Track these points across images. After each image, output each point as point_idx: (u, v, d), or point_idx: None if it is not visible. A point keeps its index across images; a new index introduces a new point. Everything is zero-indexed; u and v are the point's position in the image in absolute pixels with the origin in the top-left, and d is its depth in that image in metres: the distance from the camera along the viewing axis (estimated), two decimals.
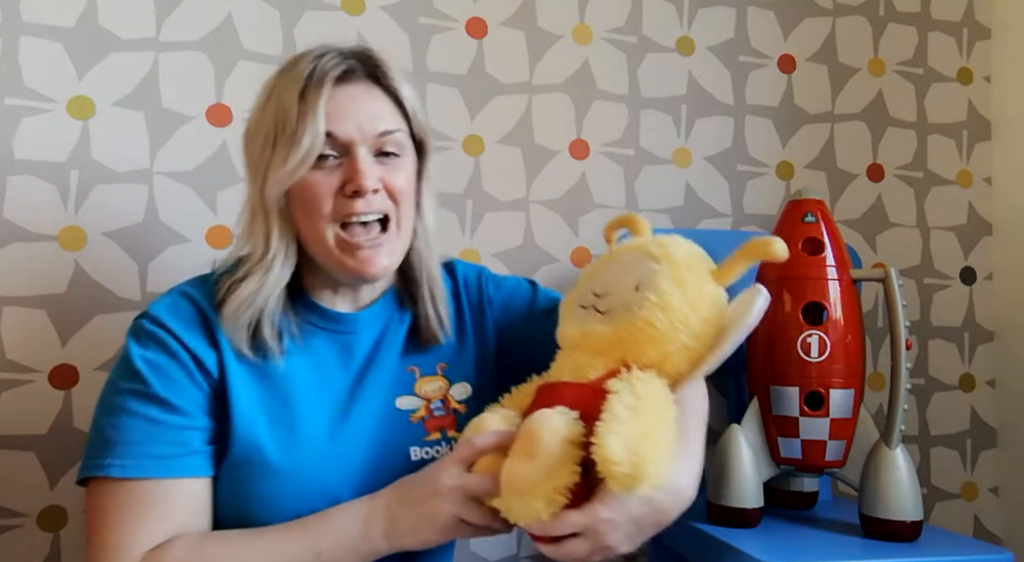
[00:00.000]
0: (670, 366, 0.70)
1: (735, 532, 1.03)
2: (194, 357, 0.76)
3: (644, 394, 0.65)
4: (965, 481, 1.51)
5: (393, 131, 0.80)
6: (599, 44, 1.39)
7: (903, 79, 1.54)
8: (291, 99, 0.76)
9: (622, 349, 0.71)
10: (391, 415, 0.84)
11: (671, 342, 0.69)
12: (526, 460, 0.64)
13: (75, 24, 1.15)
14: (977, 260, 1.55)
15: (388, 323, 0.88)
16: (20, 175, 1.12)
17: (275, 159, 0.76)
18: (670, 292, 0.70)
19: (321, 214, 0.77)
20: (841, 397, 1.05)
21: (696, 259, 0.74)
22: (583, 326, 0.74)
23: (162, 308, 0.79)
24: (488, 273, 0.97)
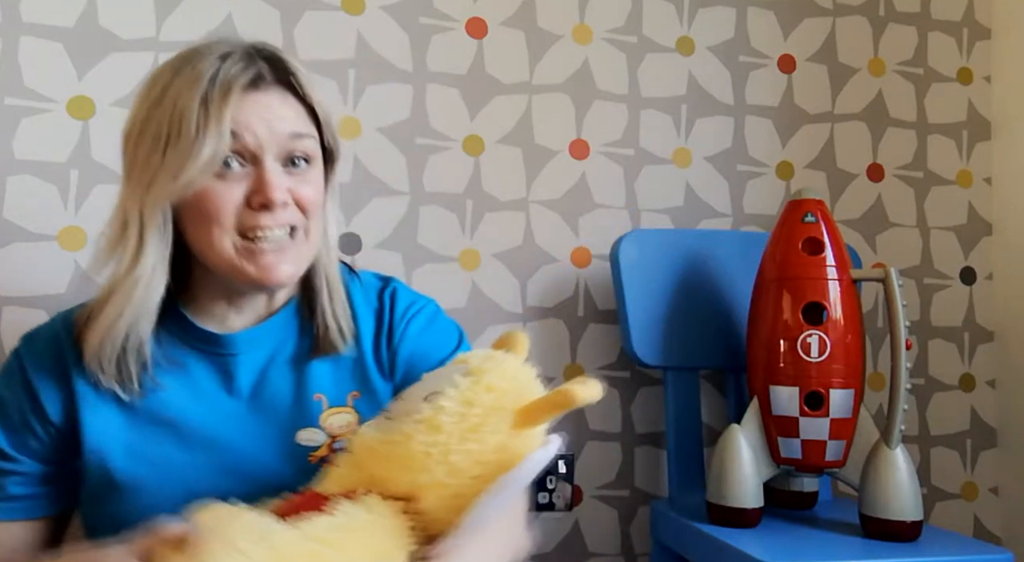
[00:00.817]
0: (426, 505, 0.59)
1: (735, 532, 1.03)
2: (35, 399, 0.73)
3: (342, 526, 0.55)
4: (965, 481, 1.51)
5: (303, 135, 0.73)
6: (599, 44, 1.39)
7: (903, 79, 1.54)
8: (189, 103, 0.68)
9: (376, 466, 0.60)
10: (288, 450, 0.75)
11: (421, 472, 0.58)
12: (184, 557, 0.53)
13: (75, 24, 1.15)
14: (977, 260, 1.55)
15: (282, 343, 0.79)
16: (20, 175, 1.12)
17: (166, 166, 0.68)
18: (447, 411, 0.59)
19: (221, 226, 0.69)
20: (841, 397, 1.05)
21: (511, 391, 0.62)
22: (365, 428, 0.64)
23: (26, 339, 0.77)
24: (424, 306, 0.85)
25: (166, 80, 0.71)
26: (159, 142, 0.68)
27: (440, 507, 0.58)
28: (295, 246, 0.73)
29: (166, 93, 0.70)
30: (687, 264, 1.28)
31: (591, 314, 1.36)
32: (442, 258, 1.30)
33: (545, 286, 1.35)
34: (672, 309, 1.26)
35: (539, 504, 1.28)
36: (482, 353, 0.67)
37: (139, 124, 0.71)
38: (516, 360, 0.66)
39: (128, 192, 0.71)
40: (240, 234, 0.70)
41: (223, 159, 0.69)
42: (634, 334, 1.23)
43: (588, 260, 1.37)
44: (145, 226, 0.69)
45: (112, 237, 0.72)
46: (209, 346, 0.76)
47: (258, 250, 0.70)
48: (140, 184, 0.69)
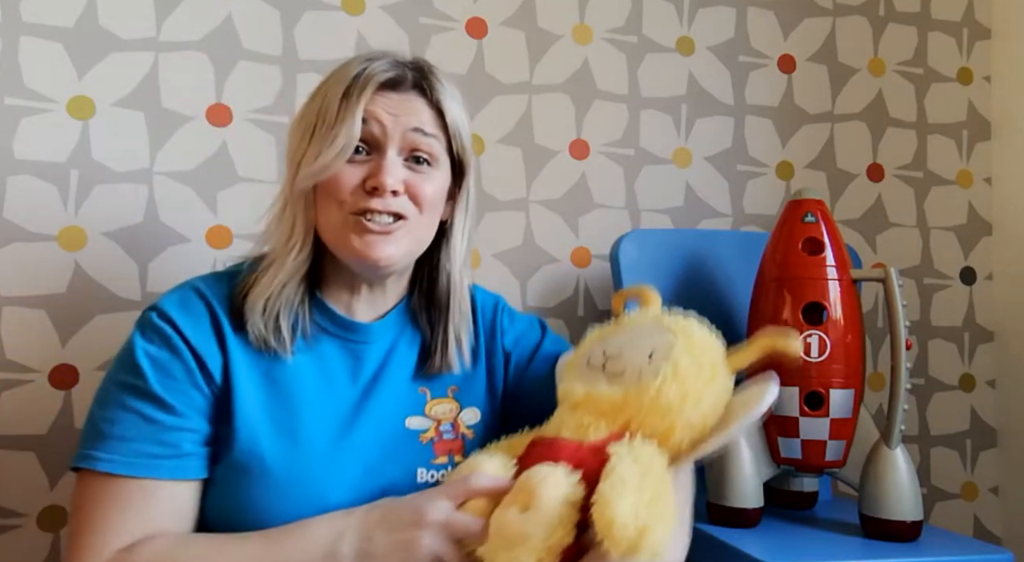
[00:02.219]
0: (672, 441, 0.69)
1: (735, 532, 1.03)
2: (198, 358, 0.75)
3: (649, 463, 0.64)
4: (965, 481, 1.51)
5: (428, 133, 0.80)
6: (599, 44, 1.39)
7: (903, 79, 1.54)
8: (334, 96, 0.77)
9: (628, 415, 0.70)
10: (400, 433, 0.82)
11: (679, 416, 0.68)
12: (522, 513, 0.63)
13: (75, 24, 1.15)
14: (977, 260, 1.55)
15: (399, 337, 0.86)
16: (20, 175, 1.12)
17: (309, 152, 0.77)
18: (686, 366, 0.70)
19: (339, 203, 0.77)
20: (841, 397, 1.05)
21: (711, 341, 0.75)
22: (590, 386, 0.73)
23: (172, 303, 0.77)
24: (504, 304, 0.96)
25: (324, 80, 0.82)
26: (307, 132, 0.78)
27: (684, 442, 0.69)
28: (400, 230, 0.79)
29: (320, 90, 0.80)
30: (687, 264, 1.28)
31: (591, 314, 1.36)
32: None
33: (545, 286, 1.35)
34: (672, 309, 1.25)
35: None
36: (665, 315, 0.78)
37: (297, 118, 0.82)
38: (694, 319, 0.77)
39: (287, 177, 0.81)
40: (351, 212, 0.77)
41: (354, 146, 0.77)
42: None
43: (588, 260, 1.37)
44: (295, 205, 0.79)
45: (274, 215, 0.82)
46: (346, 332, 0.83)
47: (366, 228, 0.77)
48: (291, 168, 0.80)
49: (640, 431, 0.69)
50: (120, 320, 1.14)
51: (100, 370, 1.12)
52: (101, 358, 1.12)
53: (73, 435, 1.10)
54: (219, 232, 1.19)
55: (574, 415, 0.72)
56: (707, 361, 0.71)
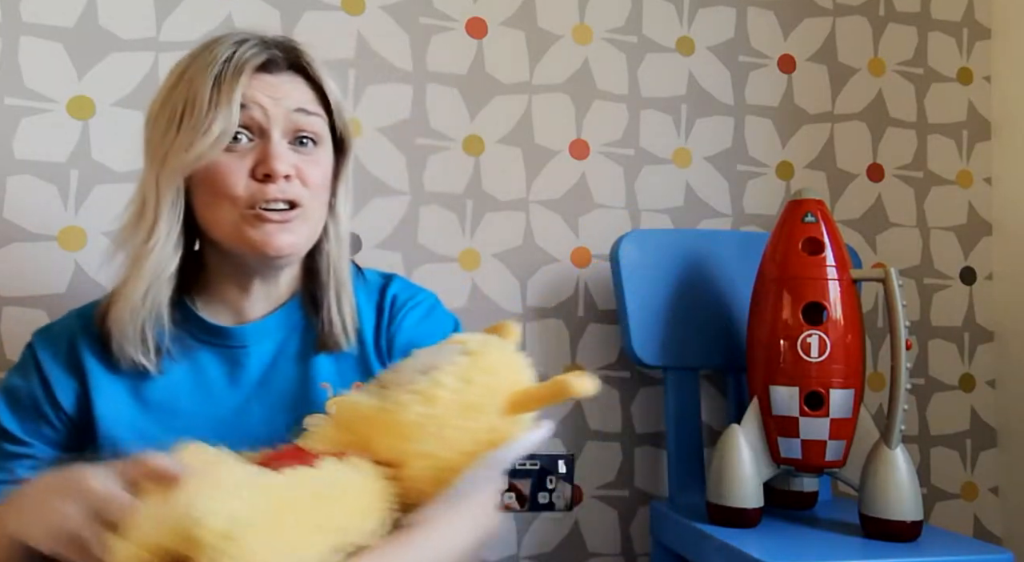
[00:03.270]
0: (410, 473, 0.59)
1: (735, 532, 1.03)
2: (48, 391, 0.76)
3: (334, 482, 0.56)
4: (965, 481, 1.51)
5: (311, 113, 0.76)
6: (599, 44, 1.39)
7: (903, 79, 1.54)
8: (203, 82, 0.71)
9: (366, 431, 0.61)
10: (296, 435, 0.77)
11: (414, 441, 0.59)
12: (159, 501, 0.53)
13: (75, 24, 1.15)
14: (977, 260, 1.55)
15: (289, 335, 0.81)
16: (20, 175, 1.12)
17: (178, 142, 0.71)
18: (445, 386, 0.60)
19: (230, 198, 0.72)
20: (841, 397, 1.05)
21: (507, 375, 0.63)
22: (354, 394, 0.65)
23: (39, 333, 0.79)
24: (423, 300, 0.87)
25: (184, 65, 0.75)
26: (174, 120, 0.72)
27: (423, 478, 0.60)
28: (297, 218, 0.75)
29: (183, 76, 0.74)
30: (687, 264, 1.28)
31: (591, 314, 1.36)
32: (442, 258, 1.30)
33: (545, 286, 1.35)
34: (672, 309, 1.26)
35: (539, 504, 1.28)
36: (479, 336, 0.68)
37: (157, 107, 0.75)
38: (511, 346, 0.67)
39: (146, 171, 0.75)
40: (246, 206, 0.73)
41: (232, 133, 0.72)
42: (634, 334, 1.23)
43: (588, 260, 1.37)
44: (160, 200, 0.73)
45: (132, 214, 0.75)
46: (220, 339, 0.79)
47: (265, 219, 0.73)
48: (155, 161, 0.73)
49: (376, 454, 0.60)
50: None
51: None
52: None
53: None
54: None
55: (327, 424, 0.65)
56: (479, 390, 0.61)
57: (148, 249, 0.73)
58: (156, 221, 0.73)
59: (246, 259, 0.76)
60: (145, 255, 0.73)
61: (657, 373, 1.35)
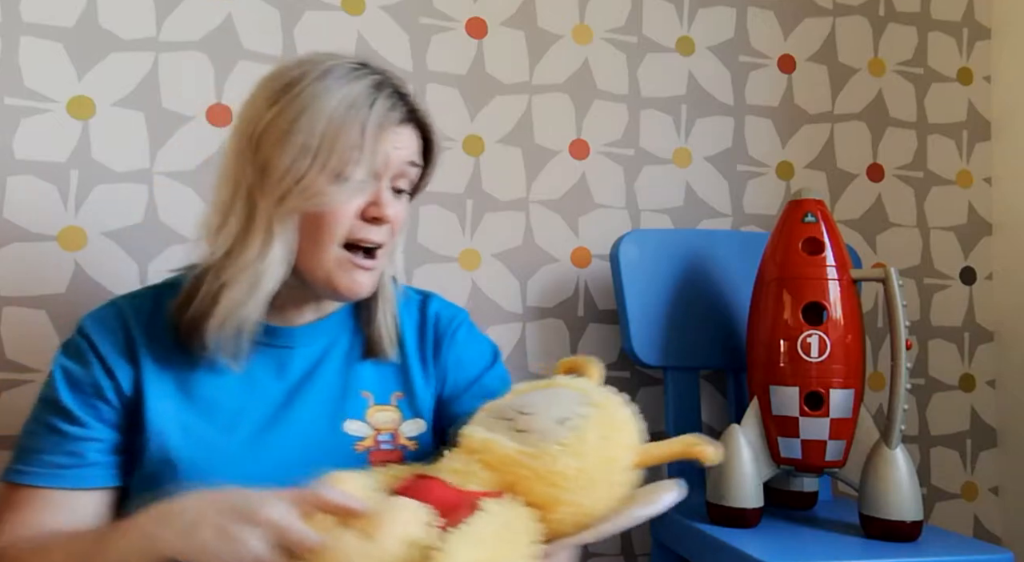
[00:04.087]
0: (554, 516, 0.65)
1: (735, 532, 1.03)
2: (107, 370, 0.77)
3: (511, 527, 0.61)
4: (965, 481, 1.51)
5: (417, 165, 0.81)
6: (599, 44, 1.39)
7: (903, 79, 1.54)
8: (347, 127, 0.73)
9: (517, 475, 0.65)
10: (333, 438, 0.80)
11: (567, 491, 0.64)
12: (360, 539, 0.58)
13: (75, 24, 1.15)
14: (977, 260, 1.55)
15: (335, 340, 0.85)
16: (20, 175, 1.12)
17: (312, 176, 0.73)
18: (592, 443, 0.66)
19: (333, 235, 0.75)
20: (841, 397, 1.05)
21: (629, 427, 0.70)
22: (490, 433, 0.69)
23: (91, 319, 0.80)
24: (464, 320, 0.91)
25: (314, 90, 0.74)
26: (309, 150, 0.72)
27: (566, 522, 0.65)
28: (377, 266, 0.79)
29: (315, 105, 0.73)
30: (687, 264, 1.28)
31: (591, 314, 1.36)
32: (442, 258, 1.30)
33: (545, 286, 1.35)
34: (672, 309, 1.26)
35: None
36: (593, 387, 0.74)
37: (280, 127, 0.74)
38: (621, 399, 0.72)
39: (259, 191, 0.74)
40: (343, 242, 0.76)
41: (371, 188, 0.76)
42: (634, 334, 1.23)
43: (588, 260, 1.37)
44: (274, 228, 0.74)
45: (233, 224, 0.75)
46: (269, 338, 0.81)
47: (357, 265, 0.76)
48: (276, 190, 0.73)
49: (525, 496, 0.65)
50: None
51: None
52: None
53: None
54: None
55: (465, 460, 0.68)
56: (617, 445, 0.68)
57: (263, 268, 0.74)
58: (271, 241, 0.74)
59: (319, 292, 0.79)
60: (260, 272, 0.74)
61: (657, 373, 1.35)
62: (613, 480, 0.67)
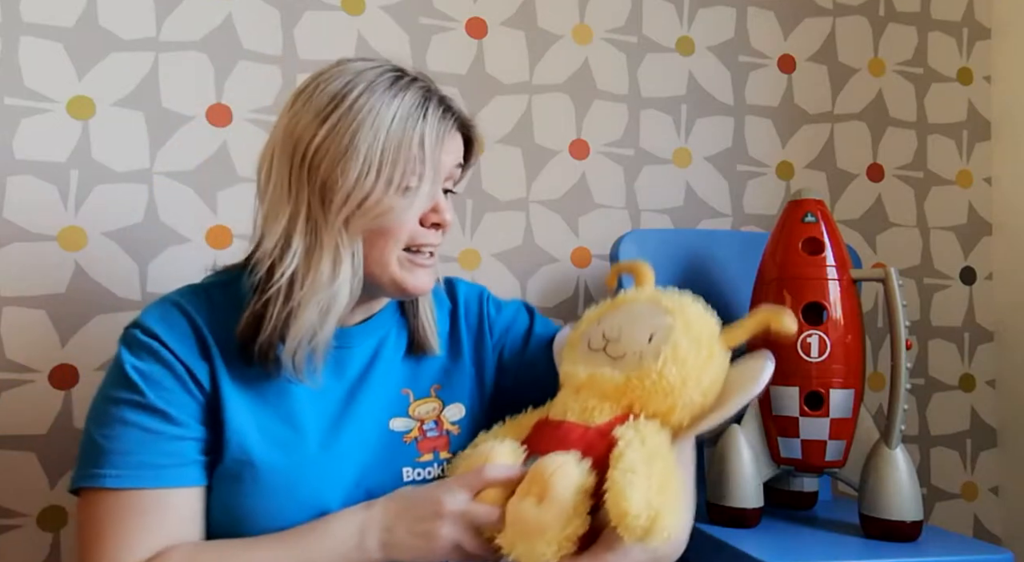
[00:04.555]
0: (674, 419, 0.71)
1: (735, 532, 1.03)
2: (187, 368, 0.76)
3: (655, 446, 0.67)
4: (965, 481, 1.51)
5: (462, 167, 0.84)
6: (599, 44, 1.39)
7: (903, 79, 1.54)
8: (406, 140, 0.74)
9: (631, 397, 0.72)
10: (384, 436, 0.83)
11: (681, 396, 0.71)
12: (537, 503, 0.65)
13: (75, 24, 1.15)
14: (977, 260, 1.55)
15: (385, 336, 0.87)
16: (20, 175, 1.12)
17: (378, 194, 0.73)
18: (685, 348, 0.72)
19: (397, 241, 0.77)
20: (841, 397, 1.05)
21: (707, 319, 0.76)
22: (592, 368, 0.75)
23: (154, 318, 0.78)
24: (489, 295, 0.96)
25: (366, 104, 0.74)
26: (372, 170, 0.73)
27: (687, 419, 0.71)
28: (436, 261, 0.83)
29: (370, 119, 0.74)
30: (687, 264, 1.28)
31: None
32: (442, 258, 1.30)
33: (545, 286, 1.35)
34: None
35: None
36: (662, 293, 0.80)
37: (340, 146, 0.73)
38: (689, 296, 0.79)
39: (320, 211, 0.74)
40: (405, 247, 0.78)
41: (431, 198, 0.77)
42: None
43: (588, 260, 1.37)
44: (342, 249, 0.75)
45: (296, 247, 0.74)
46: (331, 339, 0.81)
47: (419, 264, 0.79)
48: (343, 210, 0.74)
49: (643, 412, 0.71)
50: (120, 320, 1.13)
51: (100, 370, 1.12)
52: (101, 358, 1.12)
53: (73, 435, 1.10)
54: (219, 232, 1.19)
55: (578, 398, 0.74)
56: (704, 341, 0.73)
57: (335, 290, 0.74)
58: (340, 262, 0.74)
59: (384, 292, 0.82)
60: (332, 294, 0.74)
61: None
62: (713, 371, 0.73)
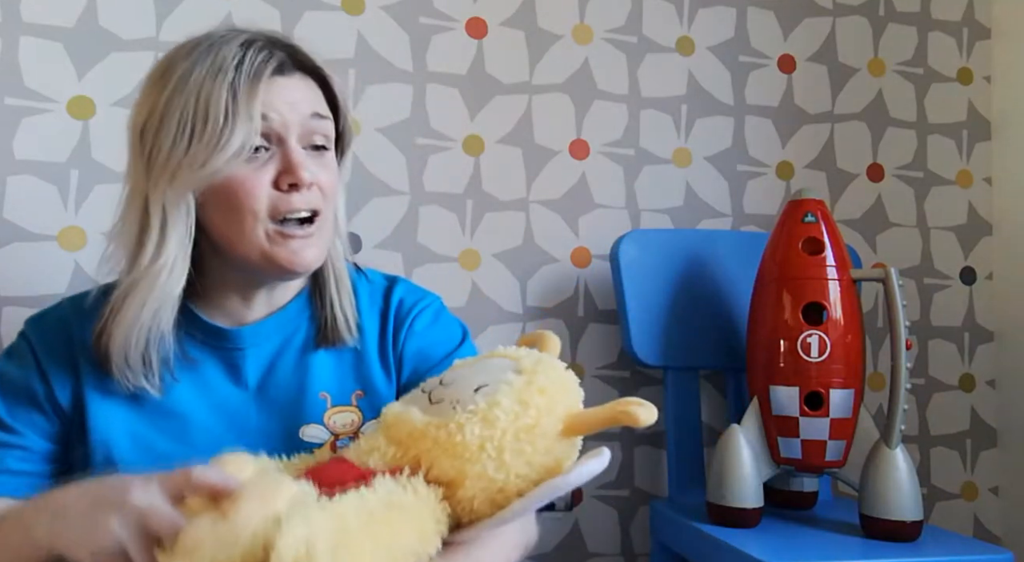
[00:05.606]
0: (464, 494, 0.59)
1: (735, 532, 1.03)
2: (45, 380, 0.73)
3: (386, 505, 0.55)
4: (965, 481, 1.51)
5: (323, 117, 0.74)
6: (599, 44, 1.39)
7: (903, 79, 1.54)
8: (215, 90, 0.68)
9: (421, 448, 0.60)
10: (292, 446, 0.73)
11: (472, 462, 0.58)
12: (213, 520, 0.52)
13: (75, 24, 1.15)
14: (977, 260, 1.55)
15: (292, 335, 0.79)
16: (20, 175, 1.12)
17: (192, 156, 0.67)
18: (504, 407, 0.59)
19: (252, 211, 0.69)
20: (841, 397, 1.05)
21: (558, 393, 0.63)
22: (404, 407, 0.64)
23: (36, 321, 0.76)
24: (429, 304, 0.85)
25: (184, 68, 0.70)
26: (183, 131, 0.68)
27: (478, 498, 0.59)
28: (318, 230, 0.73)
29: (186, 81, 0.69)
30: (687, 264, 1.28)
31: (591, 314, 1.36)
32: (442, 258, 1.30)
33: (545, 286, 1.35)
34: (672, 309, 1.26)
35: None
36: (528, 352, 0.67)
37: (158, 113, 0.70)
38: (561, 364, 0.66)
39: (147, 183, 0.70)
40: (272, 220, 0.70)
41: (253, 145, 0.69)
42: (634, 334, 1.23)
43: (588, 260, 1.37)
44: (168, 217, 0.69)
45: (129, 229, 0.71)
46: (217, 341, 0.76)
47: (289, 234, 0.71)
48: (163, 175, 0.69)
49: (431, 472, 0.59)
50: None
51: None
52: None
53: None
54: None
55: (374, 436, 0.64)
56: (537, 411, 0.60)
57: (156, 271, 0.69)
58: (164, 241, 0.69)
59: (263, 273, 0.74)
60: (153, 277, 0.69)
61: (657, 373, 1.35)
62: (530, 451, 0.59)
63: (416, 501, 0.57)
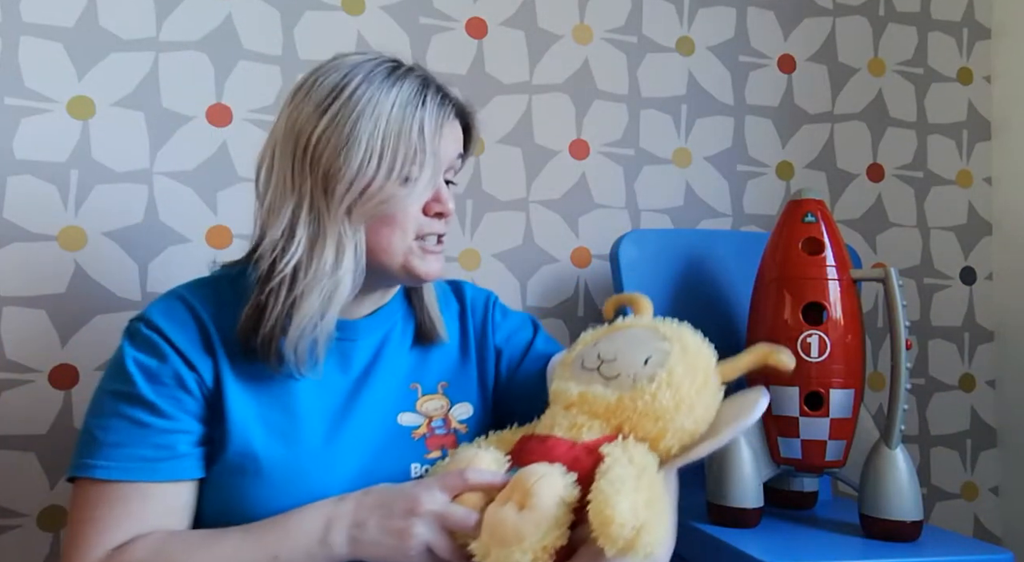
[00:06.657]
0: (663, 444, 0.70)
1: (735, 532, 1.03)
2: (187, 362, 0.76)
3: (643, 464, 0.66)
4: (965, 481, 1.51)
5: (462, 157, 0.85)
6: (599, 44, 1.39)
7: (903, 79, 1.54)
8: (406, 128, 0.76)
9: (621, 417, 0.71)
10: (392, 430, 0.83)
11: (672, 421, 0.70)
12: (518, 511, 0.64)
13: (75, 24, 1.15)
14: (977, 260, 1.55)
15: (392, 329, 0.87)
16: (20, 175, 1.12)
17: (379, 182, 0.75)
18: (681, 374, 0.71)
19: (404, 231, 0.78)
20: (841, 397, 1.05)
21: (705, 350, 0.76)
22: (584, 386, 0.74)
23: (158, 311, 0.78)
24: (496, 300, 0.96)
25: (368, 93, 0.76)
26: (373, 155, 0.75)
27: (675, 446, 0.71)
28: (444, 249, 0.83)
29: (370, 108, 0.75)
30: (687, 264, 1.28)
31: (591, 314, 1.36)
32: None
33: (545, 286, 1.35)
34: (672, 309, 1.25)
35: None
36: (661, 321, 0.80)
37: (341, 136, 0.75)
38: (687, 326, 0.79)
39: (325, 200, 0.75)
40: (415, 237, 0.79)
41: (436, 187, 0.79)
42: None
43: (588, 260, 1.37)
44: (345, 238, 0.76)
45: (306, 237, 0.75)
46: (339, 331, 0.81)
47: (429, 250, 0.80)
48: (345, 199, 0.75)
49: (632, 434, 0.70)
50: (120, 320, 1.13)
51: (100, 370, 1.12)
52: (101, 358, 1.12)
53: (73, 435, 1.10)
54: (219, 232, 1.19)
55: (567, 415, 0.73)
56: (700, 369, 0.73)
57: (338, 278, 0.75)
58: (344, 251, 0.76)
59: (395, 279, 0.82)
60: (335, 282, 0.75)
61: None
62: (707, 401, 0.72)
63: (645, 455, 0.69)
